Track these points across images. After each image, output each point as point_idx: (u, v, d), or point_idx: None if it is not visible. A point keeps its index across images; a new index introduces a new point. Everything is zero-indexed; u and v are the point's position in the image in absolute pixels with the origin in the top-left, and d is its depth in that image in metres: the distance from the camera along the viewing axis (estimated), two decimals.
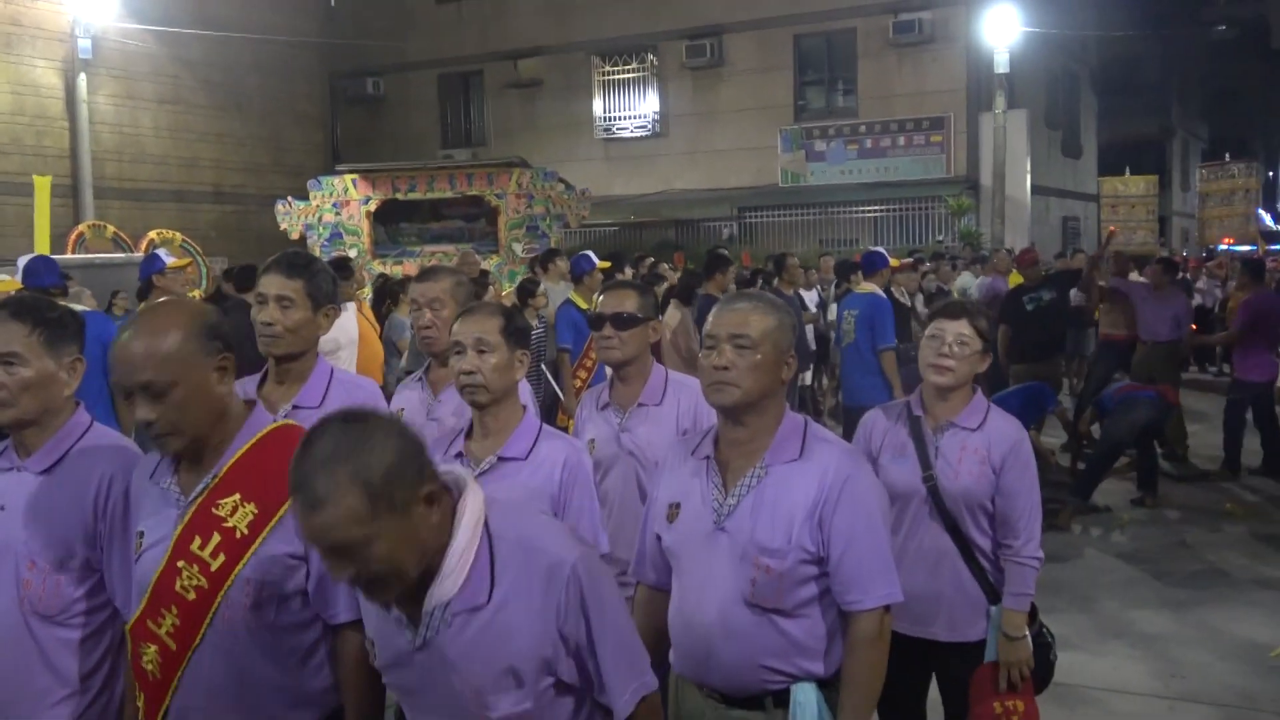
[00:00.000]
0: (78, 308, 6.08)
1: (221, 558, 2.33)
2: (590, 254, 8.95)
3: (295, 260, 3.23)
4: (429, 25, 25.43)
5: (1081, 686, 5.25)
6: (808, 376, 11.85)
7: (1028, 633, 3.41)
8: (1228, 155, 21.92)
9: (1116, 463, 8.90)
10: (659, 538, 2.80)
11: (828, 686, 2.65)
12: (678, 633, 2.74)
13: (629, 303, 3.63)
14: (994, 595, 3.43)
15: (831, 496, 2.59)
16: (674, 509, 2.74)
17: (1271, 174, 55.59)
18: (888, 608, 2.64)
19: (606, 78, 24.19)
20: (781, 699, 2.64)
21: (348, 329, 7.53)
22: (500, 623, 2.06)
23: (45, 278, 6.42)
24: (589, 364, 8.18)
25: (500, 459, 3.02)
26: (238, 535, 2.33)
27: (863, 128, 21.98)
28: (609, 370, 3.80)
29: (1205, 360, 16.45)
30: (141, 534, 2.45)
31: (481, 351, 3.00)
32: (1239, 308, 10.05)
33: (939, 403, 3.47)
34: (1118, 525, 8.29)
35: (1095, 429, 9.22)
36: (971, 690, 3.44)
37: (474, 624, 2.07)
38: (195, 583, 2.33)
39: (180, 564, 2.34)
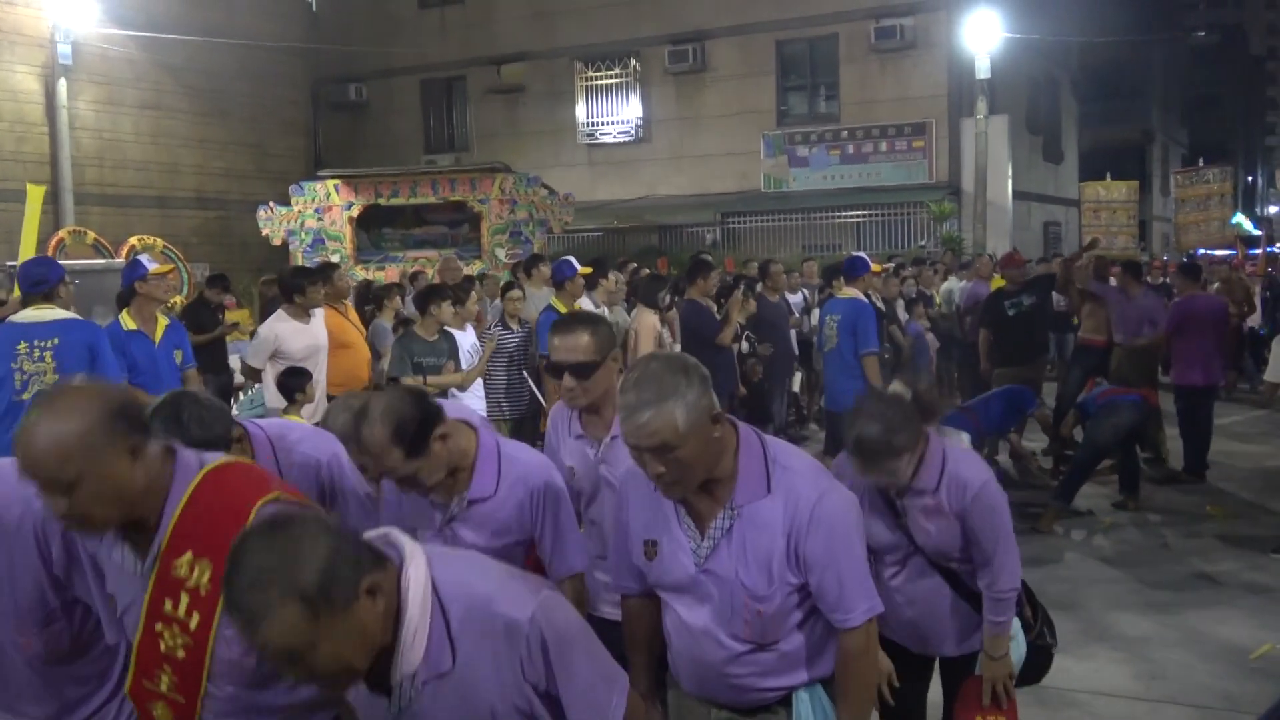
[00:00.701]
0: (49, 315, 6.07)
1: (196, 617, 2.31)
2: (572, 260, 8.94)
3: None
4: (412, 31, 25.40)
5: (1064, 689, 5.26)
6: (795, 382, 11.88)
7: (1009, 652, 3.51)
8: (1202, 160, 22.00)
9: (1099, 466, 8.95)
10: (640, 570, 2.81)
11: (827, 683, 2.73)
12: (678, 660, 2.79)
13: (583, 348, 3.32)
14: (980, 612, 3.52)
15: (801, 525, 2.59)
16: (651, 546, 2.74)
17: (1251, 178, 56.07)
18: (872, 619, 2.68)
19: (589, 83, 24.20)
20: (786, 700, 2.72)
21: (316, 336, 7.51)
22: (469, 684, 2.08)
23: (52, 275, 6.39)
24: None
25: (470, 502, 3.07)
26: (202, 593, 2.29)
27: (845, 133, 22.04)
28: None
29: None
30: (112, 597, 2.44)
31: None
32: (1172, 310, 10.15)
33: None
34: (1100, 528, 8.32)
35: (1078, 432, 9.26)
36: (958, 700, 3.56)
37: (444, 689, 2.08)
38: (181, 641, 2.31)
39: (158, 627, 2.32)
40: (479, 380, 8.13)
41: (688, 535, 2.66)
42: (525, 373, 8.86)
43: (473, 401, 7.98)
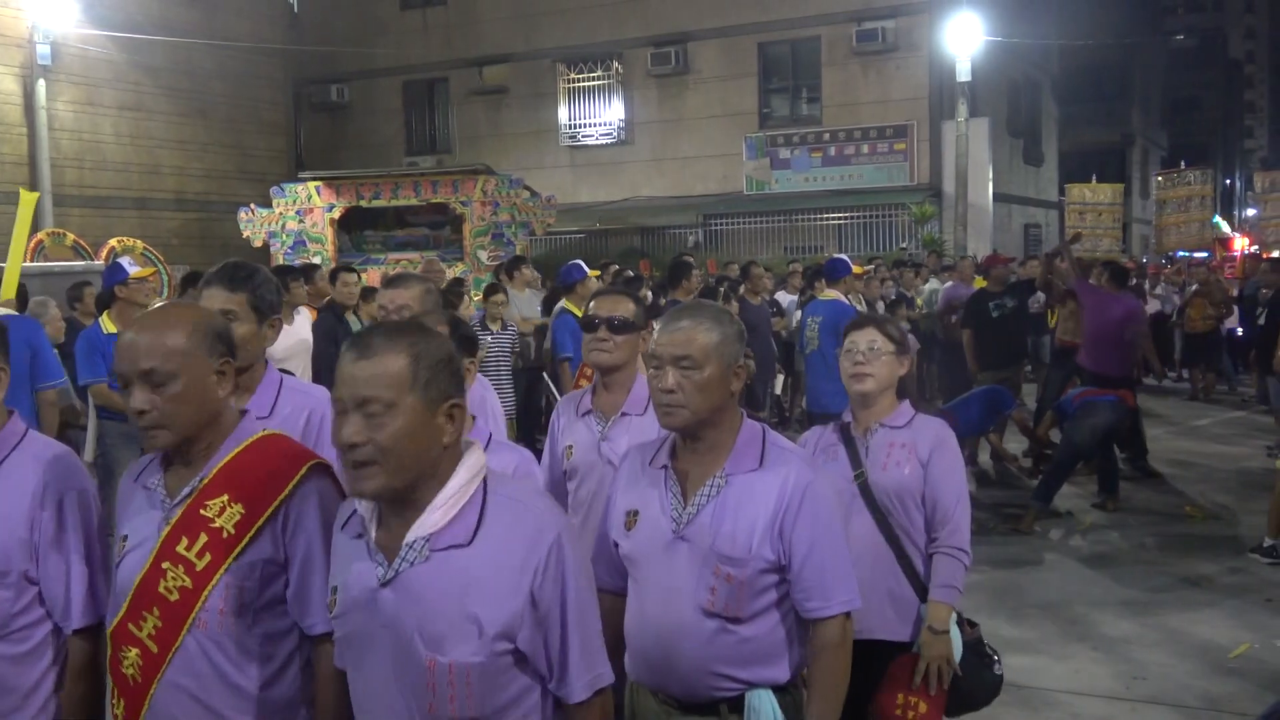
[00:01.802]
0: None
1: (208, 557, 2.31)
2: (581, 263, 9.04)
3: (237, 273, 3.16)
4: (394, 32, 25.36)
5: (1044, 690, 5.29)
6: (779, 384, 11.90)
7: (951, 630, 3.40)
8: (1183, 163, 22.12)
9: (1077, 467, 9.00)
10: (616, 545, 2.79)
11: (783, 692, 2.67)
12: (634, 639, 2.73)
13: (624, 308, 3.58)
14: (924, 594, 3.44)
15: (792, 506, 2.60)
16: (632, 517, 2.74)
17: (1229, 181, 56.44)
18: (849, 614, 2.66)
19: (572, 85, 24.20)
20: (737, 705, 2.65)
21: (299, 335, 7.48)
22: (477, 566, 2.07)
23: None
24: (589, 373, 8.21)
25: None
26: (224, 535, 2.31)
27: (827, 135, 22.11)
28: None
29: (1165, 364, 16.61)
30: (125, 538, 2.42)
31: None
32: (1089, 302, 10.14)
33: (865, 410, 3.54)
34: (1079, 529, 8.36)
35: (1055, 434, 9.31)
36: (885, 679, 3.42)
37: (451, 562, 2.07)
38: (179, 583, 2.31)
39: (165, 565, 2.32)
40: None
41: (672, 502, 2.67)
42: (544, 373, 8.89)
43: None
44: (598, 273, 9.30)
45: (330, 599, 2.22)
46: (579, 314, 8.31)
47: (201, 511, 2.33)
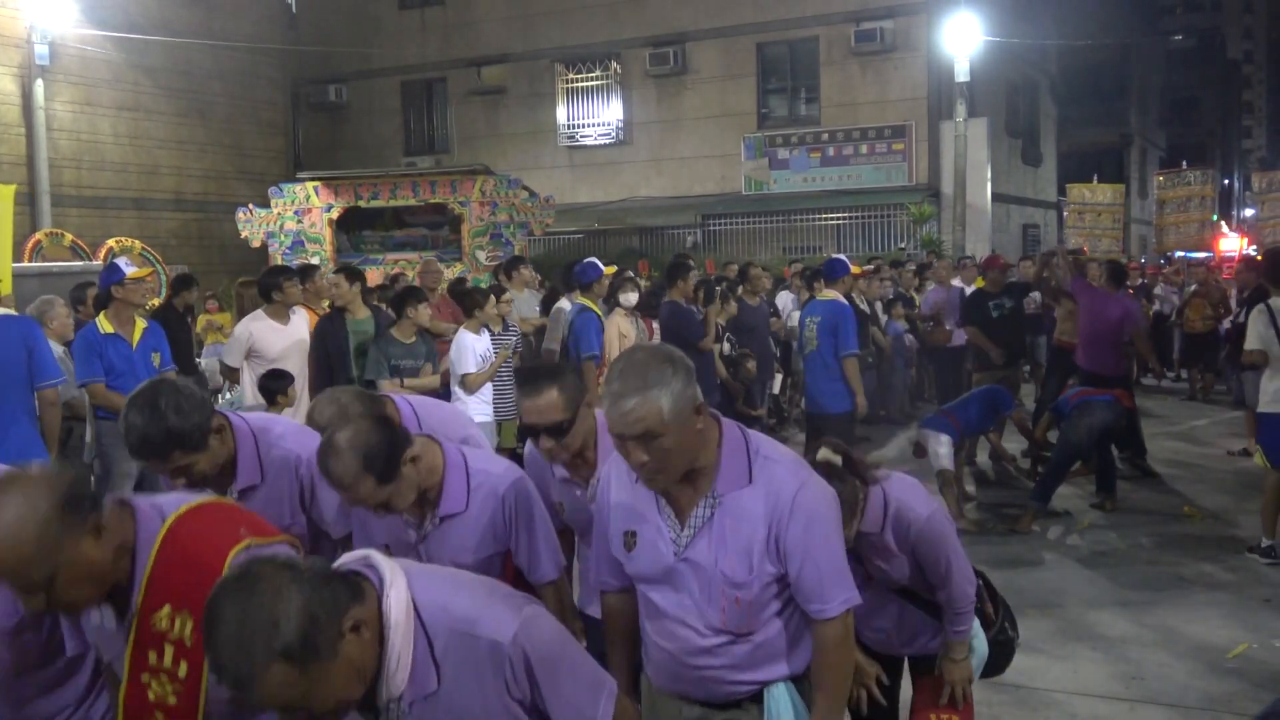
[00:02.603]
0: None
1: (184, 665, 2.31)
2: (596, 262, 9.10)
3: (155, 442, 3.03)
4: (392, 32, 25.36)
5: (1043, 689, 5.29)
6: (776, 384, 11.90)
7: (969, 656, 3.52)
8: (1184, 163, 22.15)
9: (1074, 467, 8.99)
10: (619, 561, 2.81)
11: (801, 680, 2.73)
12: (652, 651, 2.79)
13: (552, 410, 3.20)
14: (933, 611, 3.53)
15: (783, 514, 2.60)
16: (630, 537, 2.75)
17: (1228, 181, 56.45)
18: (849, 611, 2.69)
19: (570, 85, 24.20)
20: (757, 696, 2.71)
21: (295, 336, 7.47)
22: (456, 704, 2.11)
23: None
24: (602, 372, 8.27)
25: (441, 518, 3.09)
26: (188, 644, 2.29)
27: (825, 135, 22.11)
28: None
29: (1163, 364, 16.62)
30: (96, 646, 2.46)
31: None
32: (1084, 298, 10.18)
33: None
34: (1077, 529, 8.36)
35: (1054, 434, 9.30)
36: (915, 697, 3.58)
37: (432, 709, 2.11)
38: (172, 689, 2.31)
39: (145, 678, 2.32)
40: (488, 385, 8.14)
41: (667, 525, 2.67)
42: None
43: (481, 407, 7.98)
44: (613, 269, 9.34)
45: None
46: (599, 312, 8.53)
47: (153, 627, 2.30)
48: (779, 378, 12.03)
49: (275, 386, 6.82)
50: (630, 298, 8.90)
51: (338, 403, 3.51)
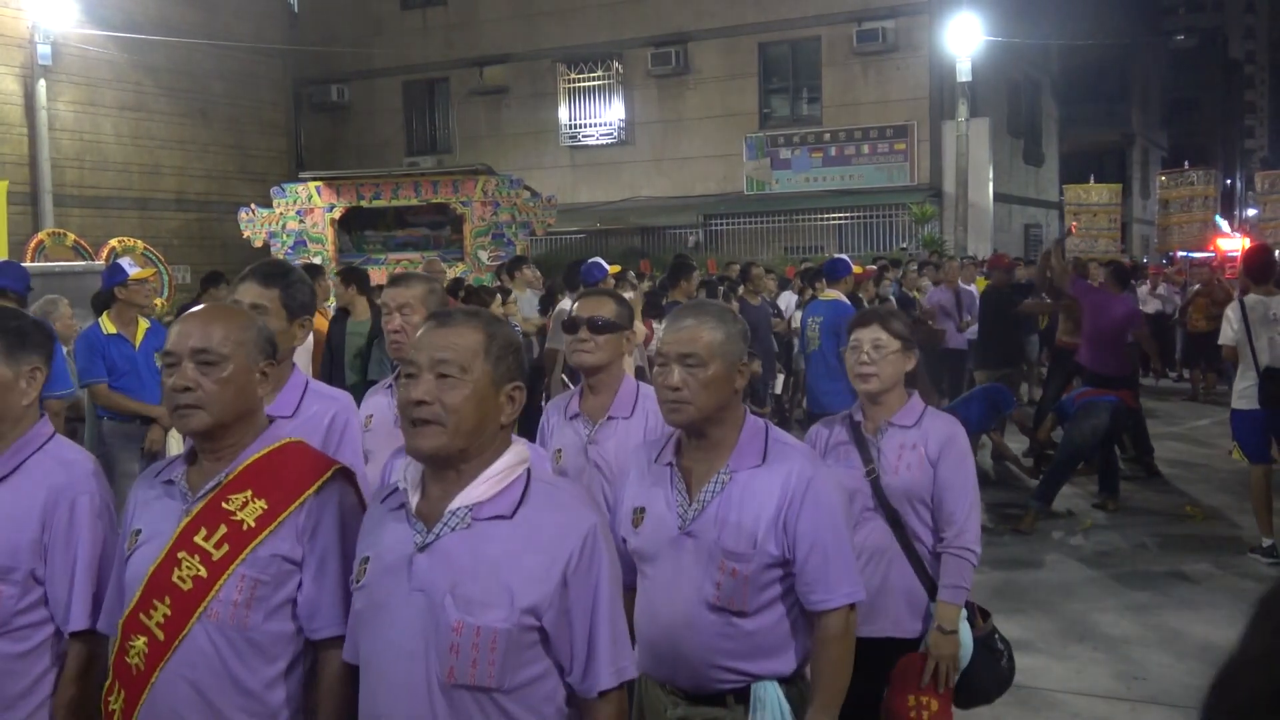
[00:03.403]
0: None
1: (225, 548, 2.33)
2: (601, 261, 9.10)
3: (272, 270, 3.27)
4: (395, 32, 25.37)
5: (1045, 689, 5.30)
6: (779, 384, 11.89)
7: (960, 628, 3.44)
8: (1187, 163, 22.14)
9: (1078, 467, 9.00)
10: (625, 540, 2.83)
11: (788, 684, 2.71)
12: (643, 632, 2.78)
13: (605, 309, 3.62)
14: (934, 591, 3.47)
15: (795, 500, 2.64)
16: (639, 514, 2.79)
17: (1230, 181, 56.42)
18: (853, 606, 2.71)
19: (572, 85, 24.20)
20: (743, 696, 2.70)
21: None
22: (516, 540, 2.13)
23: (4, 280, 6.30)
24: None
25: None
26: (244, 528, 2.33)
27: (827, 135, 22.11)
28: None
29: (1165, 365, 16.63)
30: (138, 531, 2.42)
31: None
32: (1088, 299, 10.15)
33: (873, 407, 3.56)
34: (1080, 529, 8.36)
35: (1057, 434, 9.31)
36: (893, 677, 3.45)
37: (491, 532, 2.14)
38: (194, 572, 2.32)
39: (181, 554, 2.33)
40: None
41: (677, 499, 2.72)
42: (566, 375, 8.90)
43: None
44: (618, 269, 9.35)
45: (358, 569, 2.26)
46: None
47: (224, 505, 2.36)
48: (781, 377, 12.03)
49: None
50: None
51: None
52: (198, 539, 2.34)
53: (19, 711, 2.59)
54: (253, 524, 2.33)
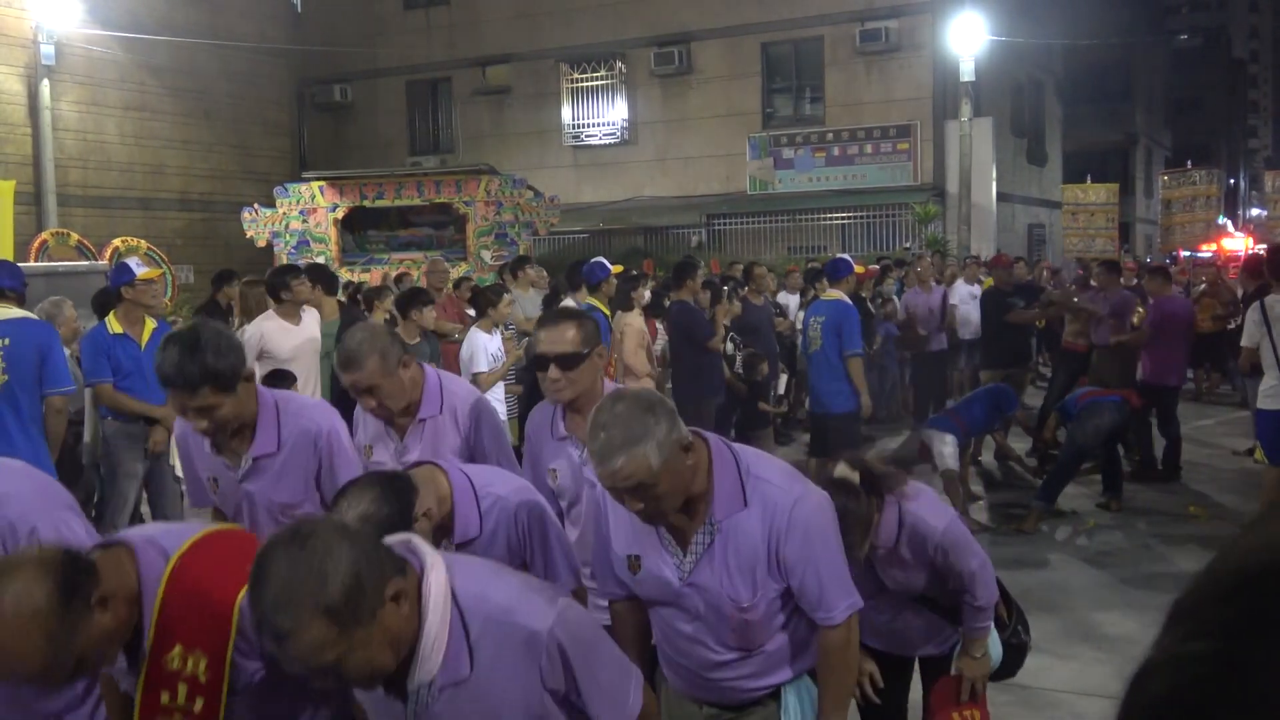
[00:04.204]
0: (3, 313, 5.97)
1: (200, 700, 2.31)
2: (604, 261, 9.11)
3: (194, 375, 3.06)
4: (398, 32, 25.37)
5: (1048, 690, 5.29)
6: (780, 384, 11.88)
7: (988, 653, 3.54)
8: (1190, 162, 22.15)
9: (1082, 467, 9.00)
10: (624, 584, 2.85)
11: (812, 673, 2.81)
12: (667, 665, 2.86)
13: (568, 339, 3.38)
14: (955, 620, 3.54)
15: (780, 532, 2.63)
16: (634, 561, 2.77)
17: (1233, 181, 56.38)
18: (855, 612, 2.75)
19: (575, 85, 24.20)
20: (774, 694, 2.79)
21: (306, 335, 7.47)
22: (487, 692, 2.12)
23: (5, 280, 6.29)
24: (610, 372, 8.26)
25: (457, 546, 3.06)
26: (202, 680, 2.30)
27: (830, 135, 22.10)
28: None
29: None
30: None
31: None
32: (1151, 309, 10.20)
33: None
34: (1083, 529, 8.36)
35: (1061, 433, 9.30)
36: (932, 698, 3.60)
37: (461, 695, 2.11)
38: (194, 709, 2.32)
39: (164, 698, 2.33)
40: (499, 383, 8.19)
41: (670, 551, 2.70)
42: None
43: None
44: (620, 268, 9.37)
45: None
46: (607, 312, 8.53)
47: (166, 668, 2.30)
48: (784, 378, 12.03)
49: (277, 387, 6.79)
50: (644, 295, 9.00)
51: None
52: (165, 703, 2.31)
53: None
54: (207, 676, 2.29)
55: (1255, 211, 52.93)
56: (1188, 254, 20.17)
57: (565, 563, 3.12)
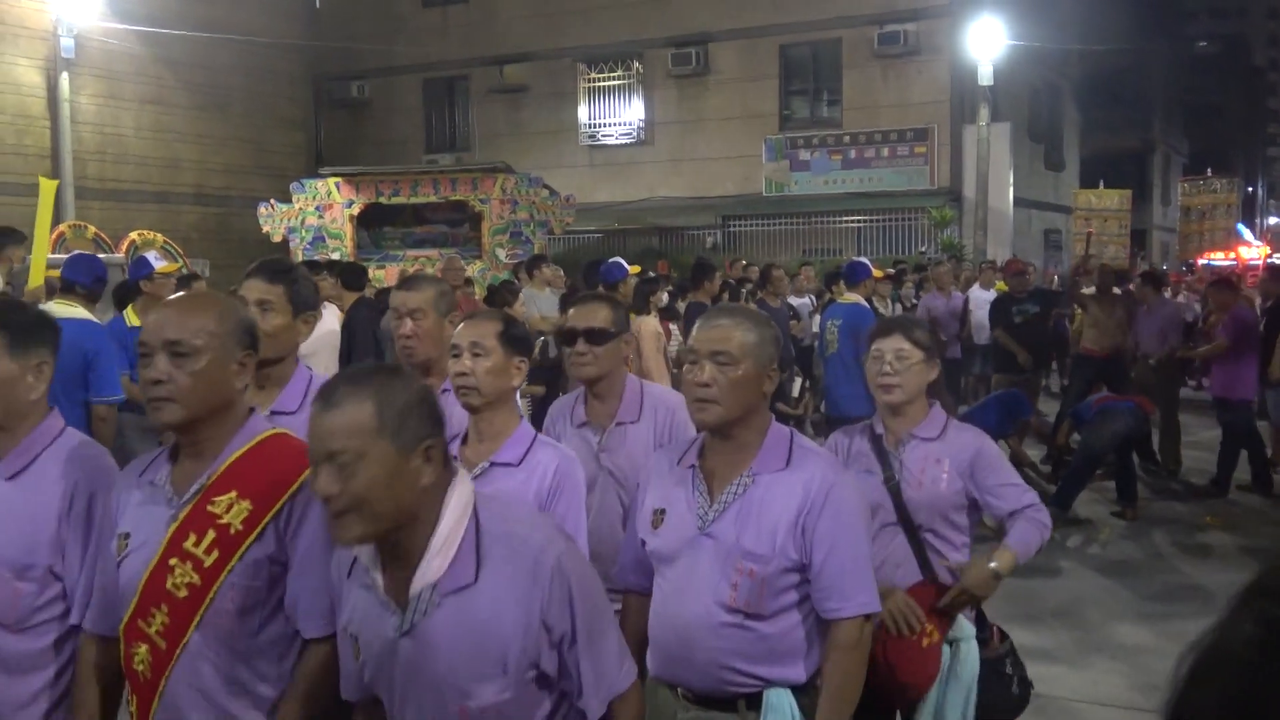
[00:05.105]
0: (63, 312, 5.95)
1: (215, 554, 2.32)
2: (621, 261, 9.12)
3: (278, 266, 3.24)
4: (415, 29, 25.39)
5: (1062, 699, 5.26)
6: (795, 387, 11.86)
7: (967, 634, 3.36)
8: (1209, 170, 22.04)
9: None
10: (643, 543, 2.82)
11: (802, 693, 2.68)
12: (656, 632, 2.76)
13: (600, 316, 3.55)
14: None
15: (815, 504, 2.62)
16: (658, 515, 2.78)
17: (1251, 189, 56.13)
18: (868, 616, 2.68)
19: (592, 84, 24.19)
20: (754, 702, 2.67)
21: (323, 331, 7.48)
22: (487, 605, 2.09)
23: (81, 275, 6.31)
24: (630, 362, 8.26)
25: (492, 464, 3.01)
26: (232, 531, 2.31)
27: (847, 138, 22.05)
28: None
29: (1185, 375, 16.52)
30: (126, 535, 2.41)
31: (476, 355, 3.03)
32: (1227, 321, 10.09)
33: (895, 419, 3.50)
34: (1097, 537, 8.32)
35: (1075, 439, 9.26)
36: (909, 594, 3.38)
37: (461, 605, 2.09)
38: (187, 580, 2.31)
39: (173, 561, 2.32)
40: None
41: (698, 500, 2.71)
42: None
43: None
44: (638, 269, 9.36)
45: (354, 648, 2.23)
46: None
47: (209, 508, 2.33)
48: (798, 380, 12.01)
49: None
50: (662, 297, 8.98)
51: None
52: (188, 545, 2.33)
53: (38, 707, 2.59)
54: (240, 527, 2.31)
55: (1273, 220, 52.72)
56: (1205, 262, 20.06)
57: (575, 529, 3.11)
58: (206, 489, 2.34)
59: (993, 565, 3.31)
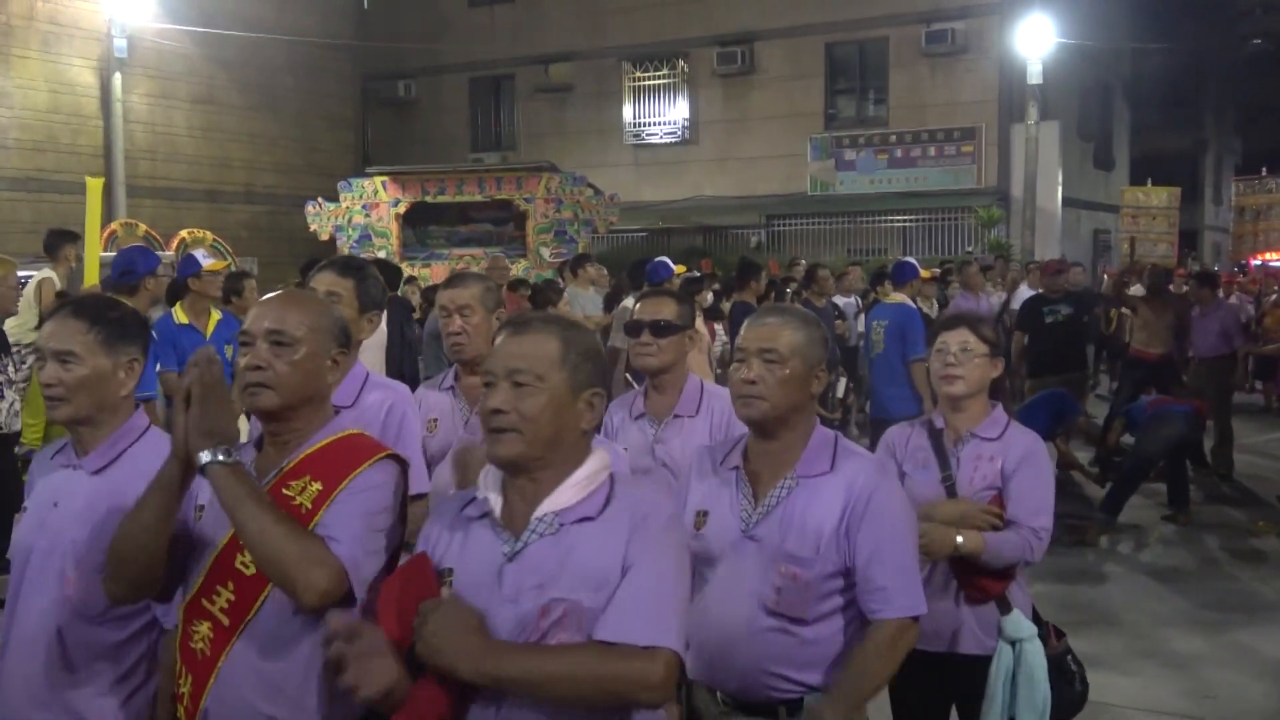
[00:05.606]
0: None
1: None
2: (667, 260, 9.12)
3: (350, 262, 3.38)
4: (461, 29, 25.51)
5: (1112, 705, 5.19)
6: (839, 387, 11.75)
7: (1023, 625, 3.31)
8: (1264, 169, 21.67)
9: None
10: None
11: None
12: (697, 635, 2.71)
13: (666, 310, 3.65)
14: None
15: (858, 508, 2.62)
16: (701, 517, 2.77)
17: None
18: (914, 620, 2.64)
19: (637, 83, 24.19)
20: (795, 709, 2.65)
21: (378, 330, 7.53)
22: (598, 538, 2.12)
23: (141, 267, 6.42)
24: None
25: None
26: (303, 510, 2.34)
27: (893, 137, 21.90)
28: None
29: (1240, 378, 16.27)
30: (202, 507, 2.43)
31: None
32: None
33: (956, 414, 3.49)
34: (1147, 542, 8.21)
35: (1126, 440, 9.11)
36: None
37: (578, 535, 2.11)
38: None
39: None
40: None
41: (742, 503, 2.72)
42: (628, 375, 8.94)
43: None
44: (684, 269, 9.37)
45: (446, 579, 2.21)
46: None
47: (284, 490, 2.37)
48: (842, 381, 11.91)
49: None
50: (707, 297, 8.98)
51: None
52: None
53: (117, 696, 2.63)
54: (309, 505, 2.34)
55: None
56: (1259, 262, 19.73)
57: None
58: (284, 473, 2.39)
59: (959, 539, 3.22)
